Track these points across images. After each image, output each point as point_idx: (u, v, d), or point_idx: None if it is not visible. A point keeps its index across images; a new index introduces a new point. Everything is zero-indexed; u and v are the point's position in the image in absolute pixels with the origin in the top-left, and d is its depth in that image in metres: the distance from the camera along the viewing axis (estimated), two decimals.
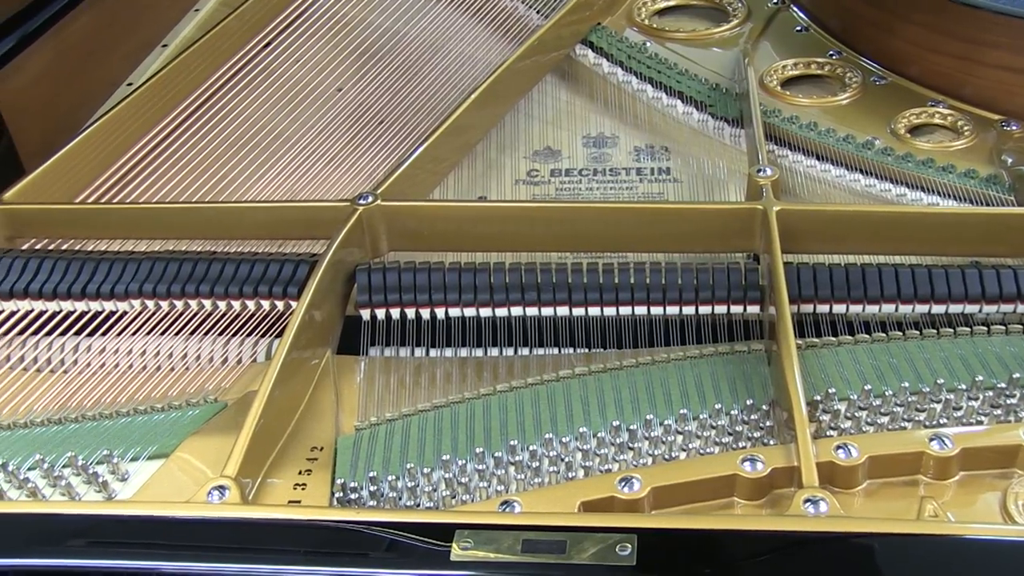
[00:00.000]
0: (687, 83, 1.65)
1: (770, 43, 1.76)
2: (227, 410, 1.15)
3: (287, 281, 1.25)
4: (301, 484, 1.06)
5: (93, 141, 1.49)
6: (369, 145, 1.55)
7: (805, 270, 1.22)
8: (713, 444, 1.06)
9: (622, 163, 1.55)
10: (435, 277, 1.23)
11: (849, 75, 1.65)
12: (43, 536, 0.96)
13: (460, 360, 1.20)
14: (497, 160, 1.55)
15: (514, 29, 1.80)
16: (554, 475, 1.03)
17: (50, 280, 1.29)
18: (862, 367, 1.13)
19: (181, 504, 0.97)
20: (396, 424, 1.12)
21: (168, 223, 1.37)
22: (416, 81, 1.68)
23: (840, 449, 1.00)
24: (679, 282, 1.22)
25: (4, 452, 1.09)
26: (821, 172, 1.48)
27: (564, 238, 1.32)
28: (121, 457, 1.08)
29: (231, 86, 1.65)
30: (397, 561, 0.92)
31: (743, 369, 1.15)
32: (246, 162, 1.52)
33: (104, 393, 1.19)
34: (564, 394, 1.13)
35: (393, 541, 0.92)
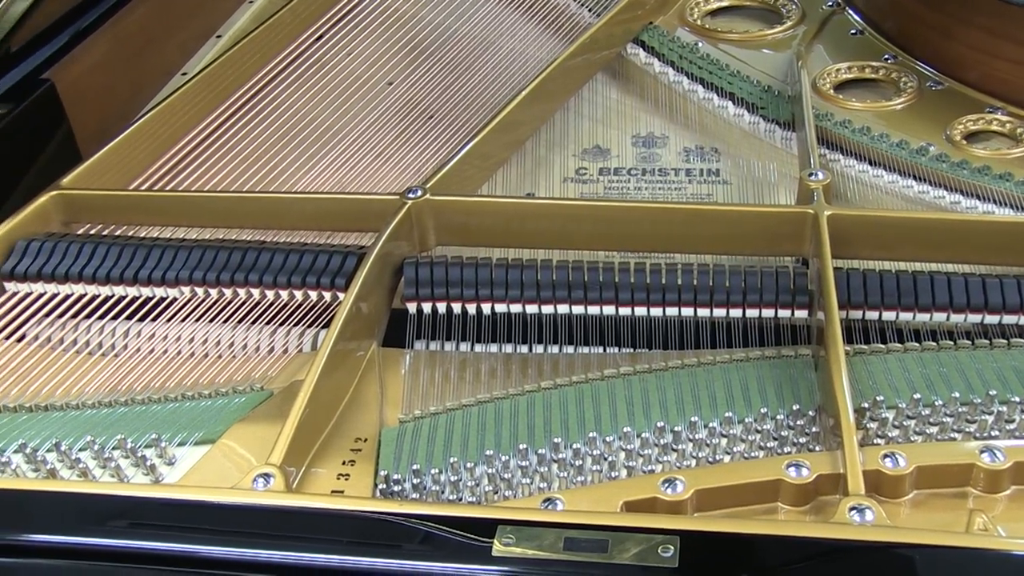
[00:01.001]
0: (739, 84, 1.64)
1: (824, 46, 1.75)
2: (273, 399, 1.16)
3: (335, 272, 1.25)
4: (344, 474, 1.07)
5: (147, 129, 1.51)
6: (418, 140, 1.56)
7: (855, 276, 1.21)
8: (758, 448, 1.05)
9: (671, 163, 1.54)
10: (482, 272, 1.23)
11: (904, 79, 1.63)
12: (92, 516, 0.97)
13: (505, 356, 1.21)
14: (546, 157, 1.55)
15: (565, 27, 1.80)
16: (597, 474, 1.03)
17: (103, 265, 1.31)
18: (911, 375, 1.12)
19: (227, 490, 0.98)
20: (440, 418, 1.12)
21: (219, 212, 1.39)
22: (466, 77, 1.68)
23: (887, 458, 0.99)
24: (727, 284, 1.21)
25: (57, 432, 1.11)
26: (873, 177, 1.47)
27: (612, 237, 1.31)
28: (169, 441, 1.10)
29: (283, 78, 1.67)
30: (438, 555, 0.92)
31: (789, 374, 1.14)
32: (296, 153, 1.54)
33: (153, 378, 1.21)
34: (609, 393, 1.13)
35: (435, 534, 0.92)
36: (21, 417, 1.15)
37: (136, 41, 1.73)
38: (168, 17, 1.80)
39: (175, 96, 1.55)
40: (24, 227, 1.35)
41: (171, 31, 1.80)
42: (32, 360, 1.24)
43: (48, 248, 1.33)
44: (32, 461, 1.07)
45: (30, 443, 1.09)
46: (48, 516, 0.98)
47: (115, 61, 1.68)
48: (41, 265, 1.31)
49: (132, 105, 1.66)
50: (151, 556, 0.93)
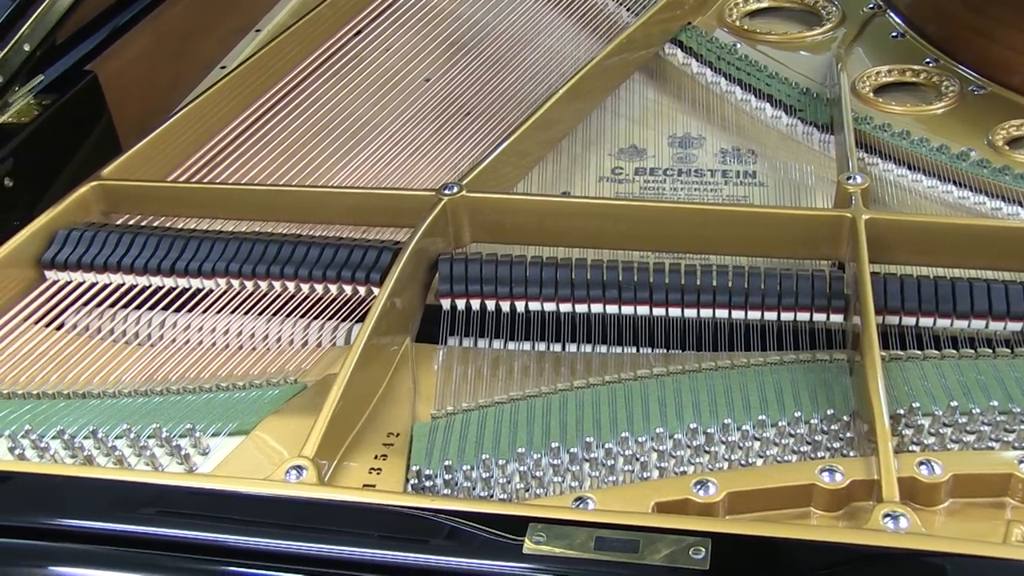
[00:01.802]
0: (777, 86, 1.63)
1: (864, 48, 1.73)
2: (306, 392, 1.16)
3: (370, 267, 1.26)
4: (376, 468, 1.07)
5: (187, 122, 1.52)
6: (454, 136, 1.56)
7: (892, 281, 1.20)
8: (791, 452, 1.05)
9: (707, 164, 1.54)
10: (517, 270, 1.23)
11: (946, 83, 1.61)
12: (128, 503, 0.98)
13: (538, 354, 1.21)
14: (582, 156, 1.55)
15: (603, 26, 1.80)
16: (628, 474, 1.03)
17: (141, 255, 1.32)
18: (948, 383, 1.10)
19: (260, 481, 0.99)
20: (472, 414, 1.12)
21: (256, 204, 1.40)
22: (504, 74, 1.68)
23: (923, 465, 0.98)
24: (762, 287, 1.21)
25: (95, 420, 1.12)
26: (912, 182, 1.45)
27: (647, 237, 1.31)
28: (203, 432, 1.11)
29: (321, 72, 1.68)
30: (469, 551, 0.92)
31: (824, 378, 1.14)
32: (333, 148, 1.54)
33: (189, 368, 1.22)
34: (641, 394, 1.13)
35: (466, 531, 0.93)
36: (59, 404, 1.17)
37: (177, 35, 1.75)
38: (208, 11, 1.82)
39: (214, 89, 1.57)
40: (65, 216, 1.37)
41: (211, 25, 1.82)
42: (70, 348, 1.26)
43: (87, 238, 1.34)
44: (70, 447, 1.09)
45: (68, 430, 1.10)
46: (84, 502, 0.99)
47: (156, 54, 1.70)
48: (80, 254, 1.33)
49: (172, 97, 1.68)
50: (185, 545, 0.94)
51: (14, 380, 1.21)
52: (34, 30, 1.43)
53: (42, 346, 1.25)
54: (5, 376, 1.22)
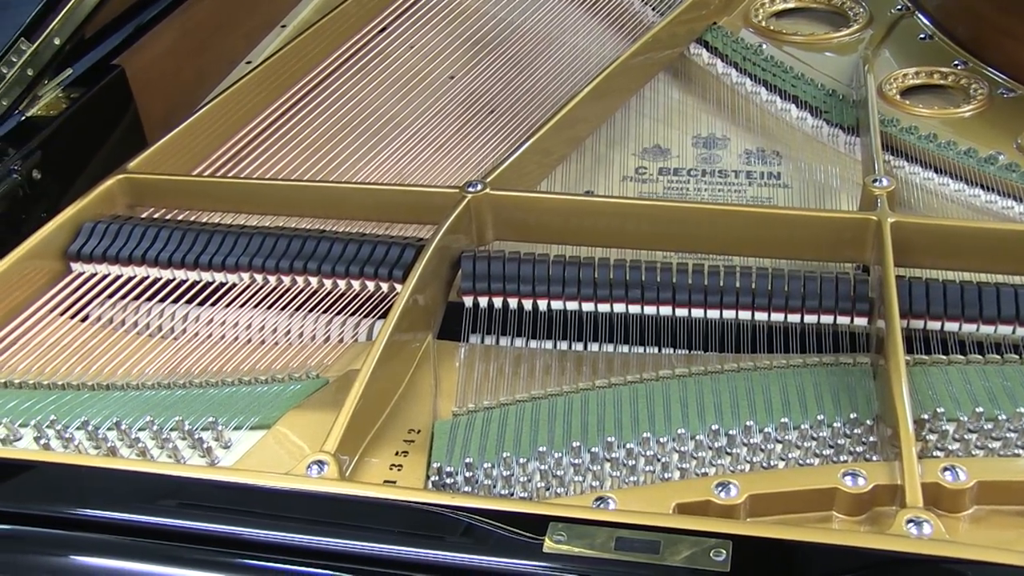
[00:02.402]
0: (803, 87, 1.62)
1: (891, 50, 1.72)
2: (328, 387, 1.17)
3: (393, 264, 1.26)
4: (397, 465, 1.08)
5: (212, 116, 1.53)
6: (478, 134, 1.56)
7: (918, 285, 1.19)
8: (813, 455, 1.04)
9: (732, 165, 1.53)
10: (540, 269, 1.23)
11: (974, 86, 1.60)
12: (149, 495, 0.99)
13: (560, 353, 1.21)
14: (606, 155, 1.55)
15: (628, 25, 1.79)
16: (650, 475, 1.03)
17: (165, 249, 1.33)
18: (973, 388, 1.10)
19: (281, 475, 0.99)
20: (493, 412, 1.12)
21: (279, 199, 1.40)
22: (528, 72, 1.68)
23: (947, 471, 0.97)
24: (785, 289, 1.20)
25: (118, 411, 1.13)
26: (939, 185, 1.44)
27: (670, 237, 1.31)
28: (225, 425, 1.11)
29: (346, 69, 1.68)
30: (489, 549, 0.92)
31: (847, 381, 1.13)
32: (356, 144, 1.55)
33: (211, 362, 1.22)
34: (663, 394, 1.12)
35: (486, 529, 0.93)
36: (84, 395, 1.18)
37: (203, 30, 1.75)
38: (235, 7, 1.82)
39: (239, 84, 1.57)
40: (91, 209, 1.38)
41: (237, 20, 1.82)
42: (95, 340, 1.26)
43: (113, 230, 1.35)
44: (94, 438, 1.09)
45: (92, 421, 1.11)
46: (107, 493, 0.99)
47: (183, 49, 1.71)
48: (106, 247, 1.33)
49: (198, 92, 1.69)
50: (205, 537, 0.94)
51: (40, 371, 1.22)
52: (64, 24, 1.44)
53: (67, 337, 1.26)
54: (31, 367, 1.23)
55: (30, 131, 1.47)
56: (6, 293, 1.28)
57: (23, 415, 1.13)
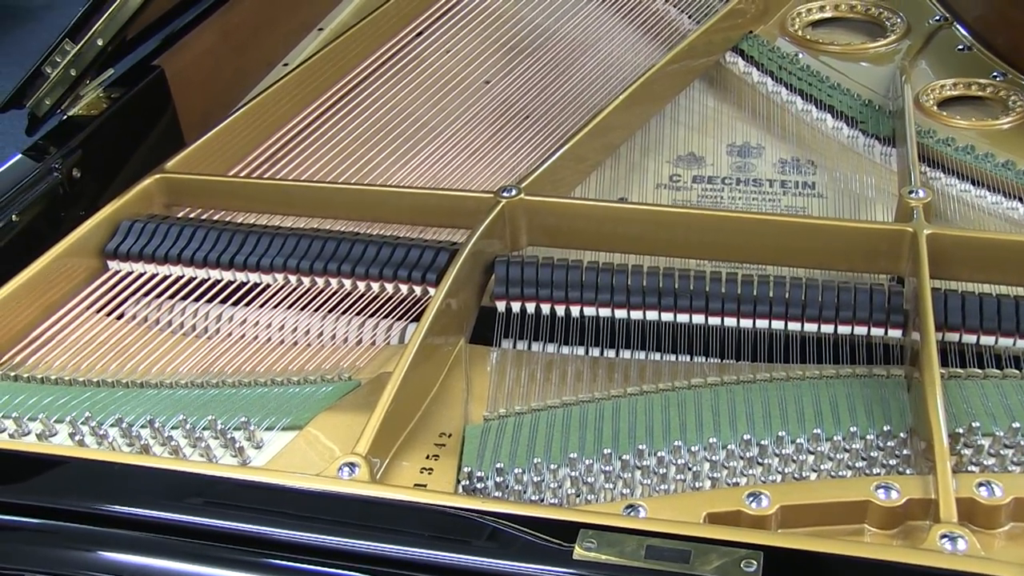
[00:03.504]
0: (839, 97, 1.61)
1: (928, 61, 1.71)
2: (360, 389, 1.17)
3: (427, 267, 1.27)
4: (428, 468, 1.08)
5: (249, 118, 1.54)
6: (513, 139, 1.57)
7: (953, 297, 1.18)
8: (846, 468, 1.04)
9: (766, 174, 1.53)
10: (573, 275, 1.23)
11: (1014, 98, 1.59)
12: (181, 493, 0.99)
13: (592, 360, 1.21)
14: (640, 163, 1.55)
15: (664, 33, 1.79)
16: (680, 483, 1.02)
17: (201, 248, 1.34)
18: (1010, 403, 1.08)
19: (312, 477, 1.00)
20: (524, 417, 1.12)
21: (315, 201, 1.41)
22: (563, 79, 1.68)
23: (983, 486, 0.96)
24: (819, 299, 1.19)
25: (152, 409, 1.14)
26: (976, 197, 1.43)
27: (703, 245, 1.30)
28: (257, 425, 1.12)
29: (382, 72, 1.69)
30: (518, 555, 0.92)
31: (880, 393, 1.12)
32: (392, 147, 1.56)
33: (244, 362, 1.23)
34: (695, 403, 1.12)
35: (516, 534, 0.93)
36: (118, 392, 1.19)
37: (242, 32, 1.77)
38: (273, 9, 1.84)
39: (276, 86, 1.58)
40: (128, 208, 1.39)
41: (275, 23, 1.84)
42: (130, 338, 1.28)
43: (150, 229, 1.36)
44: (127, 435, 1.10)
45: (126, 418, 1.12)
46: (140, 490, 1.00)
47: (221, 50, 1.72)
48: (143, 246, 1.35)
49: (235, 93, 1.71)
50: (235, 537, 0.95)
51: (75, 367, 1.24)
52: (107, 26, 1.46)
53: (103, 335, 1.28)
54: (67, 363, 1.24)
55: (71, 130, 1.49)
56: (44, 290, 1.30)
57: (59, 411, 1.15)
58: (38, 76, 1.48)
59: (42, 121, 1.51)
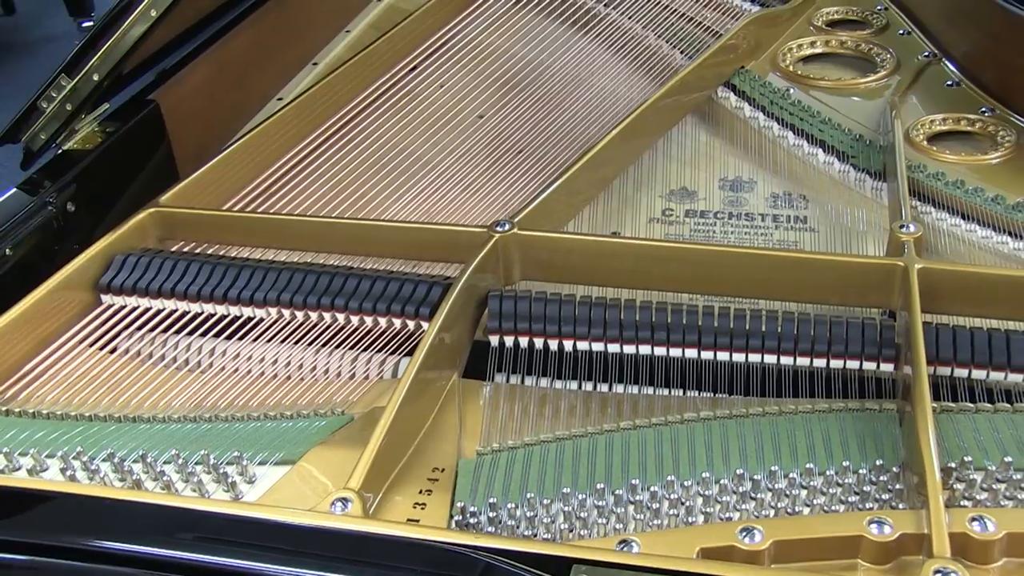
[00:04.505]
0: (830, 132, 1.62)
1: (918, 96, 1.73)
2: (353, 424, 1.17)
3: (420, 301, 1.27)
4: (421, 504, 1.08)
5: (243, 152, 1.55)
6: (506, 174, 1.57)
7: (945, 332, 1.18)
8: (838, 502, 1.04)
9: (758, 208, 1.54)
10: (566, 309, 1.24)
11: (1002, 133, 1.60)
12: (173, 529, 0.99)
13: (585, 394, 1.21)
14: (633, 197, 1.56)
15: (656, 68, 1.81)
16: (673, 518, 1.02)
17: (195, 282, 1.34)
18: (1002, 437, 1.09)
19: (305, 512, 1.00)
20: (518, 452, 1.12)
21: (308, 235, 1.42)
22: (556, 113, 1.70)
23: (975, 521, 0.96)
24: (811, 333, 1.20)
25: (144, 444, 1.14)
26: (966, 232, 1.44)
27: (696, 280, 1.31)
28: (250, 460, 1.12)
29: (375, 107, 1.70)
30: None
31: (873, 427, 1.13)
32: (385, 182, 1.56)
33: (237, 396, 1.23)
34: (688, 437, 1.12)
35: (509, 569, 0.92)
36: (110, 427, 1.19)
37: (237, 66, 1.78)
38: (268, 44, 1.85)
39: (271, 121, 1.59)
40: (122, 242, 1.40)
41: (270, 58, 1.85)
42: (123, 372, 1.28)
43: (143, 263, 1.36)
44: (119, 470, 1.10)
45: (118, 453, 1.12)
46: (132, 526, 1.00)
47: (216, 85, 1.73)
48: (136, 280, 1.35)
49: (230, 127, 1.71)
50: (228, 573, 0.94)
51: (68, 401, 1.23)
52: (103, 61, 1.47)
53: (95, 369, 1.28)
54: (59, 397, 1.24)
55: (66, 164, 1.50)
56: (37, 323, 1.30)
57: (50, 445, 1.14)
58: (33, 111, 1.48)
59: (37, 155, 1.51)
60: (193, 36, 1.73)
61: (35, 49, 4.12)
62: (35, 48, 4.13)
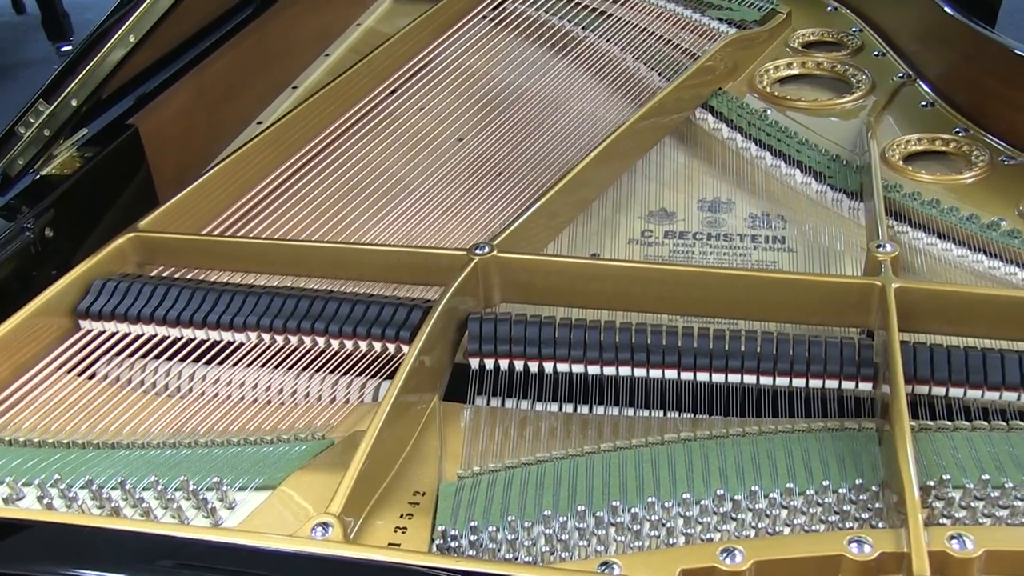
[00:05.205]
0: (807, 153, 1.64)
1: (894, 117, 1.74)
2: (333, 448, 1.17)
3: (400, 325, 1.27)
4: (402, 527, 1.07)
5: (223, 176, 1.54)
6: (486, 196, 1.58)
7: (922, 350, 1.19)
8: (819, 522, 1.04)
9: (737, 229, 1.54)
10: (546, 331, 1.24)
11: (976, 153, 1.62)
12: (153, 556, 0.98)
13: (565, 416, 1.21)
14: (612, 219, 1.56)
15: (635, 90, 1.82)
16: (655, 539, 1.02)
17: (174, 307, 1.34)
18: (979, 455, 1.09)
19: (286, 537, 0.99)
20: (498, 475, 1.12)
21: (288, 259, 1.41)
22: (535, 135, 1.70)
23: (954, 539, 0.97)
24: (791, 353, 1.20)
25: (123, 471, 1.13)
26: (942, 251, 1.45)
27: (675, 301, 1.31)
28: (230, 485, 1.11)
29: (355, 130, 1.70)
30: None
31: (852, 447, 1.13)
32: (365, 205, 1.56)
33: (217, 421, 1.23)
34: (668, 458, 1.12)
35: None
36: (89, 454, 1.18)
37: (216, 91, 1.78)
38: (247, 68, 1.85)
39: (250, 145, 1.59)
40: (101, 267, 1.39)
41: (250, 82, 1.85)
42: (101, 398, 1.27)
43: (122, 289, 1.36)
44: (97, 498, 1.09)
45: (96, 480, 1.11)
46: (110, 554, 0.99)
47: (196, 109, 1.73)
48: (115, 305, 1.34)
49: (209, 152, 1.71)
50: None
51: (45, 429, 1.22)
52: (82, 86, 1.47)
53: (73, 395, 1.27)
54: (36, 424, 1.23)
55: (44, 189, 1.49)
56: (15, 350, 1.29)
57: (27, 474, 1.13)
58: (11, 136, 1.48)
59: (15, 180, 1.51)
60: (172, 60, 1.74)
61: (14, 73, 4.12)
62: (14, 73, 4.12)
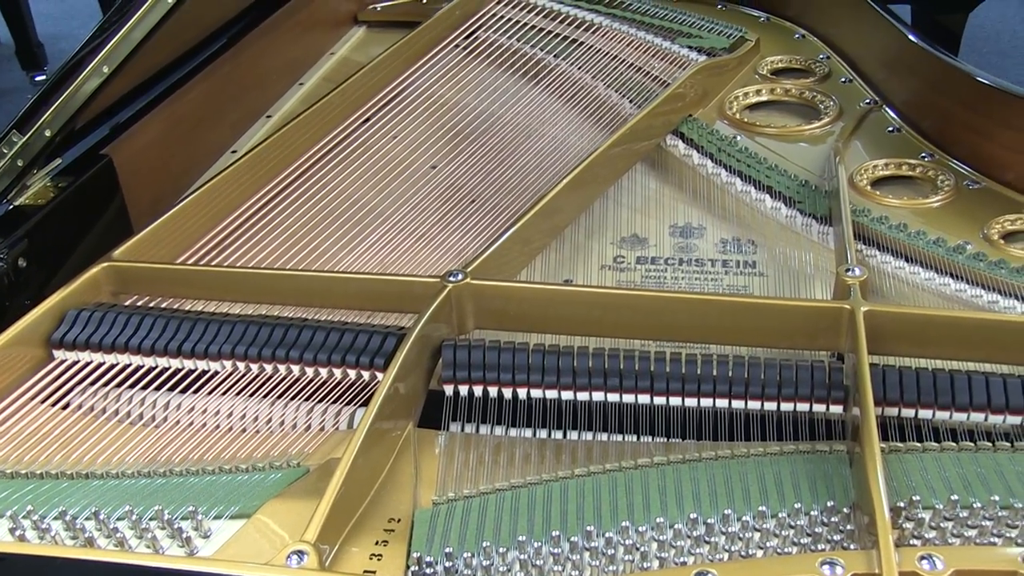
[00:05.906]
0: (776, 178, 1.66)
1: (861, 142, 1.77)
2: (308, 475, 1.17)
3: (374, 352, 1.27)
4: (377, 555, 1.07)
5: (197, 205, 1.55)
6: (460, 223, 1.59)
7: (891, 372, 1.21)
8: (791, 544, 1.05)
9: (708, 254, 1.56)
10: (520, 357, 1.25)
11: (942, 178, 1.65)
12: None
13: (539, 441, 1.21)
14: (585, 245, 1.58)
15: (606, 117, 1.84)
16: (629, 564, 1.03)
17: (148, 336, 1.34)
18: (948, 476, 1.11)
19: (261, 566, 0.99)
20: (473, 501, 1.13)
21: (263, 288, 1.42)
22: (508, 163, 1.72)
23: (924, 559, 0.98)
24: (762, 377, 1.22)
25: (97, 501, 1.12)
26: (910, 274, 1.47)
27: (648, 326, 1.32)
28: (205, 514, 1.11)
29: (329, 159, 1.71)
30: None
31: (824, 469, 1.14)
32: (340, 233, 1.57)
33: (192, 450, 1.22)
34: (642, 483, 1.13)
35: None
36: (62, 484, 1.17)
37: (190, 120, 1.79)
38: (221, 97, 1.86)
39: (224, 174, 1.60)
40: (75, 297, 1.39)
41: (223, 111, 1.86)
42: (75, 428, 1.26)
43: (96, 318, 1.36)
44: (71, 528, 1.09)
45: (70, 510, 1.10)
46: None
47: (170, 139, 1.74)
48: (89, 335, 1.34)
49: (184, 181, 1.72)
50: None
51: (18, 459, 1.22)
52: (56, 117, 1.47)
53: (47, 426, 1.26)
54: (9, 455, 1.22)
55: (17, 219, 1.49)
56: None
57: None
58: None
59: None
60: (146, 90, 1.74)
61: None
62: None
